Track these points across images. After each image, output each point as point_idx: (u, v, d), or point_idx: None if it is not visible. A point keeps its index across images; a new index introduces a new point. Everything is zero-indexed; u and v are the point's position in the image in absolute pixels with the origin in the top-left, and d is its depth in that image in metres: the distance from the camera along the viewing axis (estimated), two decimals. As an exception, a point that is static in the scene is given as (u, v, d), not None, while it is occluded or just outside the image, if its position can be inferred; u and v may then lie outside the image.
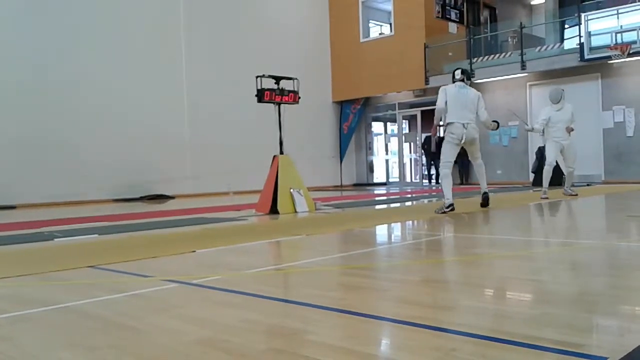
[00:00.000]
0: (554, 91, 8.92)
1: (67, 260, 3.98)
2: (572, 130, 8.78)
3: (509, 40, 15.92)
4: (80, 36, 12.60)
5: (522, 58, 14.07)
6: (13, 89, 11.64)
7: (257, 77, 7.92)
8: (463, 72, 7.08)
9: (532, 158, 14.25)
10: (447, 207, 6.70)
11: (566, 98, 8.99)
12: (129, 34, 13.36)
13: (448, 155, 6.93)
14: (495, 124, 7.33)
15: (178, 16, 14.41)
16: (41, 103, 11.93)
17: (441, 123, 7.03)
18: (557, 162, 9.06)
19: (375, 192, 14.42)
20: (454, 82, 7.04)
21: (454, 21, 16.98)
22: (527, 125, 9.78)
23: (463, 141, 6.80)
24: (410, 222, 6.34)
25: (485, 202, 7.19)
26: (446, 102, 6.84)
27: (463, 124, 6.74)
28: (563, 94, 8.85)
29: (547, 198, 8.67)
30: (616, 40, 12.35)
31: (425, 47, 15.73)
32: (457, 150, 6.94)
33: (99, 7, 12.94)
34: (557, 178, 11.48)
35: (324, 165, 17.75)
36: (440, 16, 16.55)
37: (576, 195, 9.19)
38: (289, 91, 8.19)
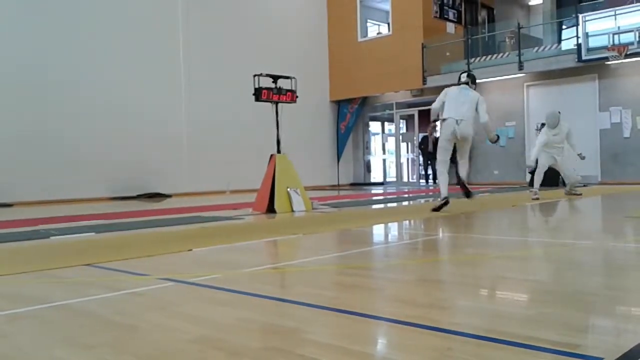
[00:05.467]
0: (551, 116, 8.93)
1: (63, 258, 3.97)
2: (584, 158, 8.98)
3: (507, 40, 15.93)
4: (78, 34, 12.56)
5: (519, 58, 14.08)
6: (11, 87, 11.60)
7: (254, 75, 7.91)
8: (469, 75, 7.10)
9: (529, 159, 14.27)
10: (442, 200, 6.76)
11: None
12: (126, 31, 13.32)
13: (442, 153, 6.95)
14: (497, 136, 7.33)
15: (176, 15, 14.38)
16: (38, 101, 11.90)
17: (438, 124, 7.02)
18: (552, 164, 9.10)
19: (372, 191, 14.42)
20: (458, 84, 7.05)
21: (451, 21, 16.99)
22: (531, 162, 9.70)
23: (458, 137, 6.76)
24: (407, 221, 6.34)
25: (466, 192, 7.13)
26: (444, 103, 6.84)
27: (456, 120, 6.70)
28: (560, 116, 8.88)
29: (537, 199, 8.68)
30: (614, 41, 12.37)
31: (423, 47, 15.73)
32: (451, 147, 6.91)
33: (97, 6, 12.90)
34: (555, 179, 11.53)
35: (321, 164, 17.75)
36: (438, 16, 16.56)
37: (580, 195, 9.23)
38: (287, 90, 8.19)
